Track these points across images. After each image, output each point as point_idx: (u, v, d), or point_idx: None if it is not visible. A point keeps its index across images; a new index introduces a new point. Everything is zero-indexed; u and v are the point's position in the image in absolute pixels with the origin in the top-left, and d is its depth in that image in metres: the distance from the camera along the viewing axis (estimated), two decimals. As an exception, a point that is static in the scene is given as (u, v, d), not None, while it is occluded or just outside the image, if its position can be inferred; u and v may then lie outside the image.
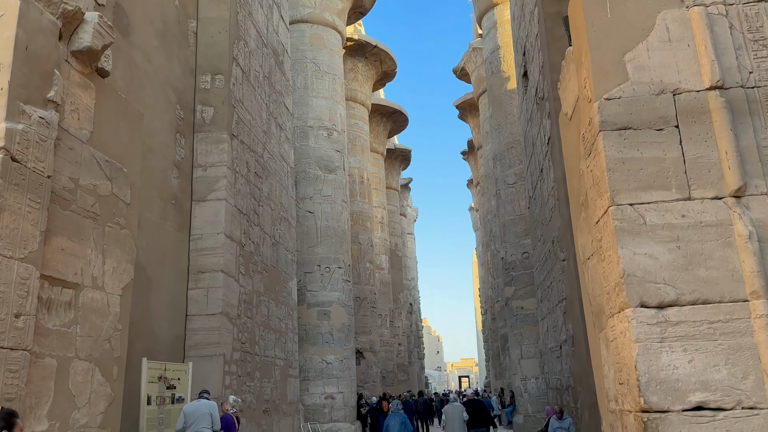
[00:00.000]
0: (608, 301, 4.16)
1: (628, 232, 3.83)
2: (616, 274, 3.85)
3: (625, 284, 3.73)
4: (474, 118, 33.49)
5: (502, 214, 19.85)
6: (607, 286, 4.15)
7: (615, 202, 3.90)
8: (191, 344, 10.86)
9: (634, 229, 3.83)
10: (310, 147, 20.34)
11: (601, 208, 4.13)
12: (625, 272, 3.75)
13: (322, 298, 19.08)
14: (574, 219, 5.96)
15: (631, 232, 3.83)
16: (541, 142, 12.56)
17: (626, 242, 3.81)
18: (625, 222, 3.85)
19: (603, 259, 4.19)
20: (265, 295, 13.54)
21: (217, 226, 11.42)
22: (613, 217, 3.86)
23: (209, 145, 11.89)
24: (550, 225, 12.27)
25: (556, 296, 12.17)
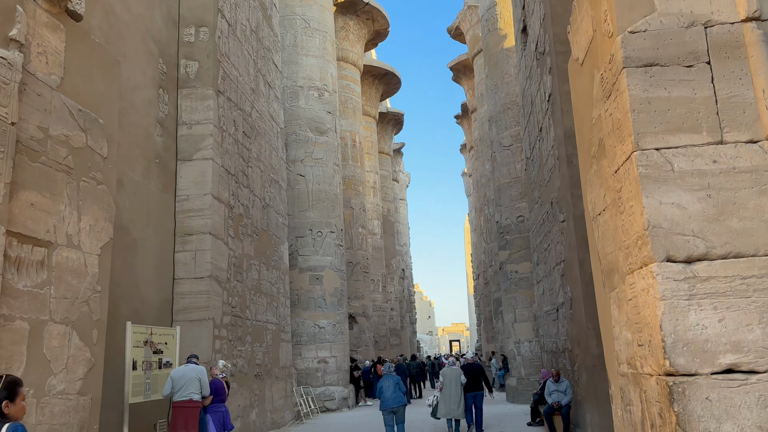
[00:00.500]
0: (627, 257, 3.82)
1: (653, 179, 3.46)
2: (639, 227, 3.49)
3: (649, 237, 3.38)
4: (468, 80, 32.79)
5: (497, 177, 19.46)
6: (626, 241, 3.79)
7: (639, 146, 3.51)
8: (179, 308, 10.54)
9: (660, 176, 3.46)
10: (301, 108, 19.74)
11: (622, 155, 3.74)
12: (650, 224, 3.39)
13: (315, 262, 18.78)
14: (583, 173, 5.58)
15: (657, 179, 3.45)
16: (540, 99, 12.10)
17: (651, 190, 3.44)
18: (651, 168, 3.47)
19: (622, 211, 3.82)
20: (255, 259, 13.19)
21: (204, 186, 10.98)
22: (637, 163, 3.48)
23: (194, 101, 11.35)
24: (548, 186, 11.91)
25: (553, 259, 11.89)
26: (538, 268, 13.99)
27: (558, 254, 11.34)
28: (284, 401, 14.59)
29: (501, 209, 19.02)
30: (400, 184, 48.49)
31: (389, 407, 10.02)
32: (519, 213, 18.41)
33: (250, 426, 12.09)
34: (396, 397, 10.03)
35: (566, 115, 10.21)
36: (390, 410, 10.03)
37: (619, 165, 3.86)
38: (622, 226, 3.88)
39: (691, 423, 3.14)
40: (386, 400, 10.07)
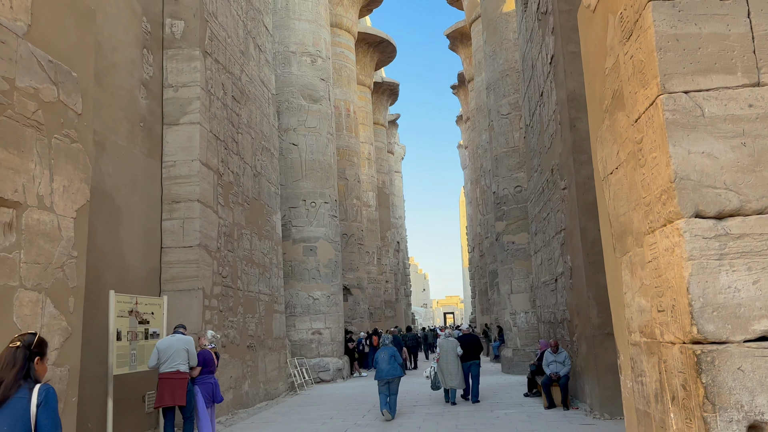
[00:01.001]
0: (647, 215, 3.47)
1: (682, 125, 3.09)
2: (664, 179, 3.13)
3: (676, 190, 3.02)
4: (465, 49, 32.08)
5: (494, 147, 19.04)
6: (647, 197, 3.44)
7: (666, 89, 3.13)
8: (167, 278, 10.20)
9: (689, 122, 3.09)
10: (293, 74, 19.16)
11: (644, 101, 3.37)
12: (677, 175, 3.04)
13: (308, 233, 18.43)
14: (593, 131, 5.19)
15: (686, 125, 3.09)
16: (542, 62, 11.64)
17: (679, 138, 3.07)
18: (679, 113, 3.10)
19: (643, 164, 3.46)
20: (247, 229, 12.82)
21: (192, 152, 10.54)
22: (663, 108, 3.11)
23: (180, 63, 10.84)
24: (549, 153, 11.53)
25: (553, 228, 11.58)
26: (536, 238, 13.69)
27: (558, 223, 11.01)
28: (278, 372, 14.39)
29: (498, 179, 18.65)
30: (395, 157, 47.98)
31: (384, 378, 10.06)
32: (516, 183, 18.05)
33: (243, 397, 11.87)
34: (391, 369, 10.07)
35: (570, 77, 9.79)
36: (385, 381, 10.07)
37: (641, 113, 3.48)
38: (642, 181, 3.52)
39: (721, 396, 2.83)
40: (381, 371, 10.10)
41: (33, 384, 2.93)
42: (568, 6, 9.91)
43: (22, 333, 3.13)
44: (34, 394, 2.88)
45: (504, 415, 9.78)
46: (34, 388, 2.91)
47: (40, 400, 2.87)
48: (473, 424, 9.06)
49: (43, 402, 2.87)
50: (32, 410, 2.85)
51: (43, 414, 2.86)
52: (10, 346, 3.01)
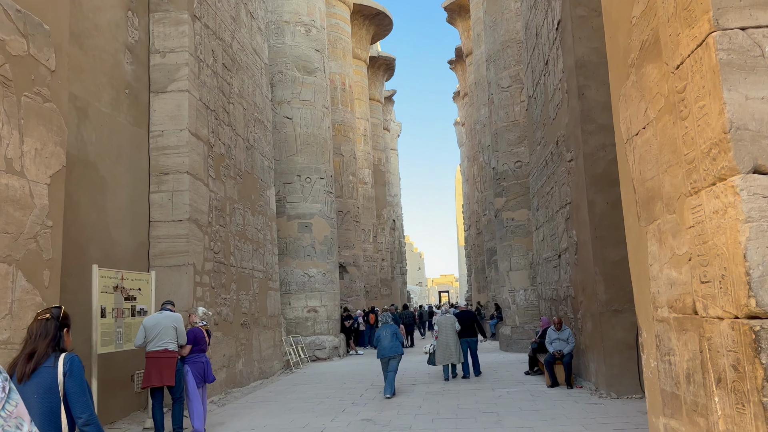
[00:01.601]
0: (690, 173, 3.05)
1: (738, 67, 2.66)
2: (715, 130, 2.72)
3: (731, 141, 2.61)
4: (464, 22, 31.35)
5: (494, 121, 18.54)
6: (690, 153, 3.03)
7: (720, 25, 2.70)
8: (156, 253, 9.77)
9: (746, 63, 2.67)
10: (287, 45, 18.52)
11: (690, 42, 2.93)
12: (733, 125, 2.62)
13: (303, 209, 17.99)
14: (615, 89, 4.75)
15: (743, 67, 2.66)
16: (547, 29, 11.13)
17: (735, 82, 2.65)
18: (734, 53, 2.68)
19: (686, 116, 3.04)
20: (239, 203, 12.37)
21: (180, 121, 10.03)
22: (716, 47, 2.68)
23: (168, 26, 10.27)
24: (554, 124, 11.08)
25: (557, 202, 11.18)
26: (539, 214, 13.30)
27: (563, 196, 10.61)
28: (273, 350, 14.07)
29: (498, 154, 18.19)
30: (391, 134, 47.35)
31: (386, 356, 10.02)
32: (517, 158, 17.60)
33: (237, 376, 11.55)
34: (393, 347, 10.02)
35: (578, 42, 9.30)
36: (387, 358, 10.05)
37: (684, 57, 3.04)
38: (685, 136, 3.09)
39: (783, 377, 2.44)
40: (383, 349, 10.05)
41: (59, 354, 3.08)
42: (577, -33, 9.37)
43: (47, 307, 3.26)
44: (60, 363, 3.03)
45: (506, 394, 9.49)
46: (60, 357, 3.07)
47: (66, 369, 3.03)
48: (475, 403, 8.75)
49: (68, 371, 3.03)
50: (59, 378, 3.01)
51: (69, 382, 3.01)
52: (39, 318, 3.14)
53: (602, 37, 9.29)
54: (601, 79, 9.15)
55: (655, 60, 3.79)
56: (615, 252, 8.79)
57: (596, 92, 9.13)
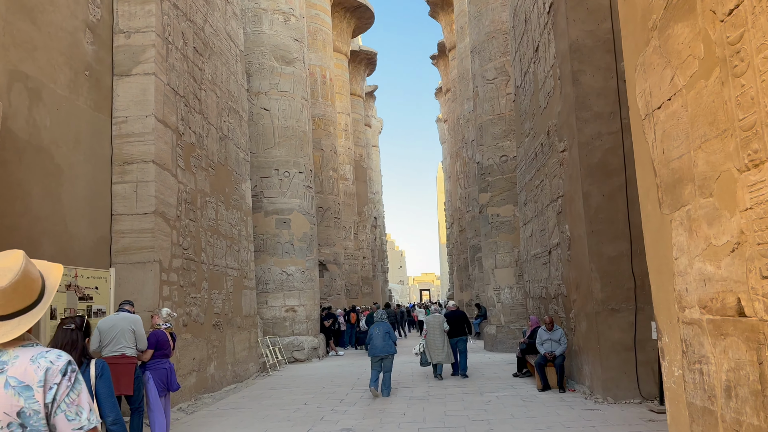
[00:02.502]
0: (748, 143, 2.49)
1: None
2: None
3: (813, 96, 2.05)
4: (447, 15, 30.83)
5: (479, 114, 18.01)
6: (747, 118, 2.46)
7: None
8: (119, 248, 9.03)
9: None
10: (264, 34, 17.78)
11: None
12: (814, 74, 2.06)
13: (281, 204, 17.27)
14: (630, 59, 4.18)
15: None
16: (538, 13, 10.59)
17: (817, 20, 2.09)
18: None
19: (741, 72, 2.47)
20: (212, 196, 11.64)
21: (146, 107, 9.29)
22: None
23: (133, 5, 9.52)
24: (545, 113, 10.55)
25: (547, 196, 10.65)
26: (527, 208, 12.78)
27: (554, 189, 10.08)
28: (248, 353, 13.36)
29: (483, 148, 17.67)
30: (372, 130, 46.72)
31: (378, 355, 9.74)
32: (502, 152, 17.09)
33: (208, 380, 10.83)
34: (386, 346, 9.75)
35: (572, 25, 8.77)
36: (379, 358, 9.77)
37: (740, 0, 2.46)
38: (740, 97, 2.52)
39: None
40: (375, 348, 9.76)
41: (89, 360, 3.36)
42: (571, -55, 8.83)
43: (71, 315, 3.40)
44: (92, 368, 3.35)
45: (496, 398, 8.92)
46: (90, 362, 3.39)
47: (98, 373, 3.35)
48: (463, 410, 8.17)
49: (100, 374, 3.34)
50: (92, 381, 3.28)
51: (101, 384, 3.33)
52: (64, 328, 3.28)
53: (598, 20, 8.78)
54: (597, 63, 8.63)
55: (686, 17, 3.22)
56: (612, 247, 8.28)
57: (592, 78, 8.60)
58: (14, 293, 1.84)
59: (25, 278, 1.87)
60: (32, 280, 1.91)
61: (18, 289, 1.85)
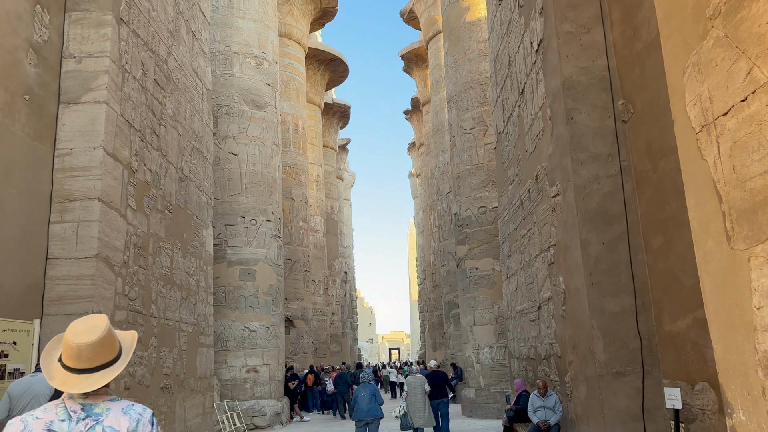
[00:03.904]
0: None
1: None
2: None
3: None
4: (421, 71, 30.91)
5: (456, 164, 17.42)
6: None
7: None
8: (53, 298, 7.79)
9: None
10: (235, 77, 17.11)
11: None
12: None
13: (247, 255, 16.12)
14: (676, 62, 3.42)
15: None
16: (524, 54, 10.09)
17: None
18: None
19: None
20: (167, 242, 10.50)
21: (94, 138, 8.27)
22: None
23: (87, 28, 8.65)
24: (532, 157, 9.88)
25: (536, 246, 9.85)
26: (511, 260, 11.94)
27: (545, 238, 9.28)
28: (202, 419, 11.89)
29: (460, 199, 16.98)
30: (344, 183, 46.14)
31: (363, 419, 8.98)
32: (481, 203, 16.42)
33: (152, 454, 9.36)
34: (372, 409, 8.99)
35: (565, 61, 8.19)
36: (364, 422, 9.01)
37: None
38: None
39: None
40: (361, 411, 9.02)
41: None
42: (562, -20, 8.38)
43: None
44: None
45: (485, 476, 7.76)
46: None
47: None
48: (449, 491, 6.98)
49: None
50: None
51: None
52: None
53: (592, 56, 8.24)
54: (593, 102, 8.02)
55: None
56: (614, 302, 7.41)
57: (587, 117, 7.96)
58: (101, 347, 2.16)
59: (110, 336, 2.21)
60: (114, 338, 2.24)
61: (104, 344, 2.17)
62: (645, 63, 7.35)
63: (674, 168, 6.63)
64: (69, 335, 2.16)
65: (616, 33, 8.11)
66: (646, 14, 7.15)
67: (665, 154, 6.88)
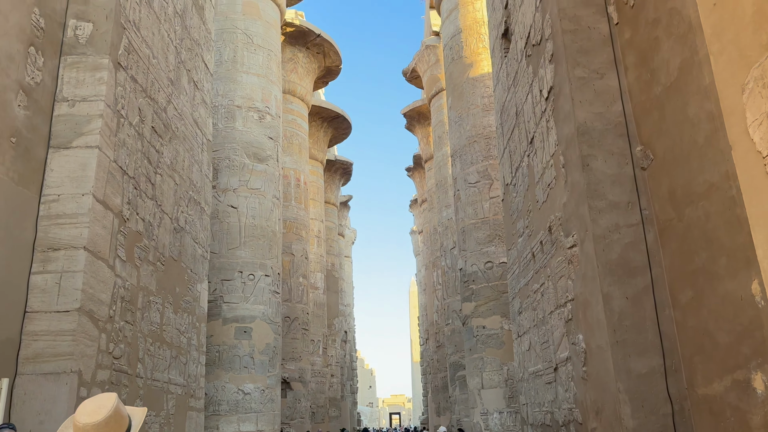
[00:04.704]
0: None
1: None
2: None
3: None
4: (423, 128, 31.02)
5: (461, 218, 16.99)
6: None
7: None
8: (29, 355, 7.16)
9: None
10: (237, 130, 16.94)
11: None
12: None
13: (243, 311, 15.44)
14: (730, 80, 3.02)
15: None
16: (533, 103, 9.81)
17: None
18: None
19: None
20: (158, 296, 9.91)
21: (84, 183, 7.86)
22: None
23: (83, 72, 8.39)
24: (544, 208, 9.42)
25: (551, 301, 9.24)
26: (522, 317, 11.28)
27: (561, 293, 8.69)
28: (189, 491, 10.93)
29: (466, 254, 16.45)
30: (345, 240, 45.67)
31: None
32: (487, 258, 15.87)
33: None
34: None
35: (579, 107, 7.86)
36: None
37: None
38: None
39: None
40: None
41: None
42: (572, 26, 8.20)
43: None
44: None
45: None
46: None
47: None
48: None
49: None
50: None
51: None
52: None
53: (607, 102, 7.91)
54: (609, 148, 7.63)
55: None
56: (641, 362, 6.77)
57: (604, 163, 7.55)
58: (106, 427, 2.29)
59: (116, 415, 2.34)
60: (122, 416, 2.38)
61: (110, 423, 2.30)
62: (665, 107, 6.99)
63: (702, 215, 6.15)
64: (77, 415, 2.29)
65: (631, 78, 7.81)
66: (663, 56, 6.86)
67: (692, 201, 6.42)
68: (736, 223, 5.53)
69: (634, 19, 7.62)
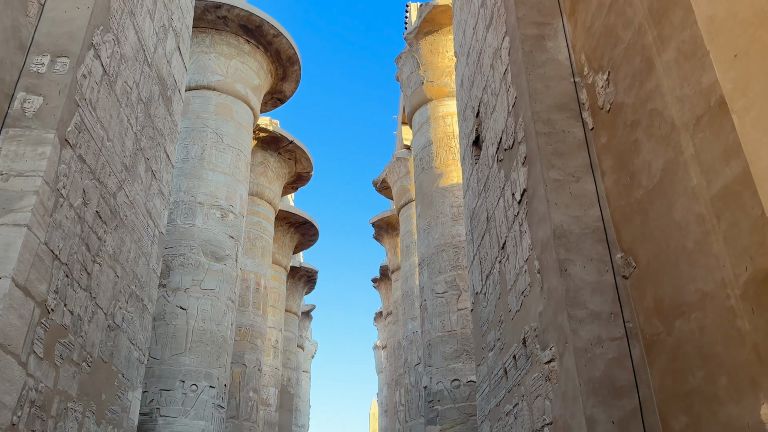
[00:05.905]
0: None
1: None
2: None
3: None
4: (391, 239, 30.72)
5: (427, 330, 16.07)
6: None
7: None
8: None
9: None
10: (196, 227, 16.18)
11: None
12: None
13: (181, 427, 13.77)
14: (765, 138, 2.47)
15: None
16: (504, 207, 9.43)
17: None
18: None
19: None
20: (78, 403, 8.58)
21: (5, 265, 6.90)
22: None
23: (24, 146, 7.72)
24: (517, 318, 8.70)
25: (526, 425, 8.24)
26: (492, 444, 10.12)
27: (538, 415, 7.73)
28: None
29: (431, 370, 15.35)
30: (305, 353, 43.50)
31: None
32: (454, 376, 14.79)
33: None
34: None
35: (555, 209, 7.43)
36: None
37: None
38: None
39: None
40: None
41: None
42: (547, 128, 8.00)
43: None
44: None
45: None
46: None
47: None
48: None
49: None
50: None
51: None
52: None
53: (584, 206, 7.51)
54: (587, 254, 7.11)
55: None
56: (635, 501, 5.77)
57: (583, 269, 6.99)
58: None
59: None
60: None
61: None
62: (647, 211, 6.60)
63: (696, 329, 5.51)
64: None
65: (609, 182, 7.50)
66: (644, 158, 6.58)
67: (682, 313, 5.80)
68: (737, 336, 4.90)
69: (610, 123, 7.45)
